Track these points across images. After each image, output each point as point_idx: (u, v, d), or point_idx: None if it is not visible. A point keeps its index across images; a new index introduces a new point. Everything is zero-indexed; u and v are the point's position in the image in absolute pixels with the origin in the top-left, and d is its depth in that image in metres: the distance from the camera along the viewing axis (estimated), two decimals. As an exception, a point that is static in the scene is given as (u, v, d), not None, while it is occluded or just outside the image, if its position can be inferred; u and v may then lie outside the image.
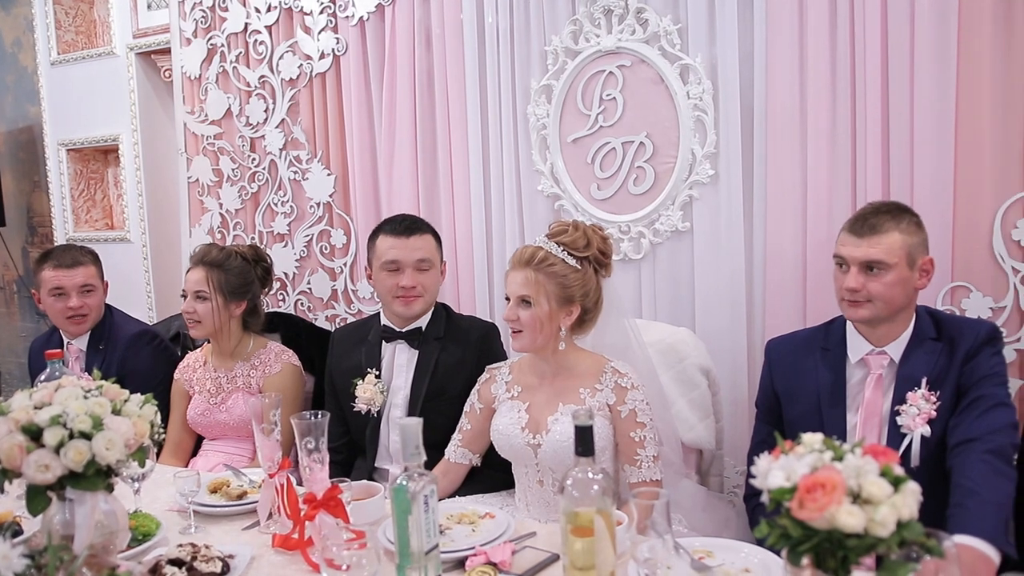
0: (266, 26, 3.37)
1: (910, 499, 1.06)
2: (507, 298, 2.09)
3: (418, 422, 1.43)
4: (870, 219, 1.96)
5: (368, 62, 3.19)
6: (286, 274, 3.45)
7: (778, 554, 1.20)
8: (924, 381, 1.91)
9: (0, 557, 1.18)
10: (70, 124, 4.37)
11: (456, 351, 2.44)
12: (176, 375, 2.79)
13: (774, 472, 1.11)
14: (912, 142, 2.29)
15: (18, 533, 1.78)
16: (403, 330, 2.48)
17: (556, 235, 2.07)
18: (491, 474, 2.23)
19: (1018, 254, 2.23)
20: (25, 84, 4.68)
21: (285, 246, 3.45)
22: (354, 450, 2.55)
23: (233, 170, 3.55)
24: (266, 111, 3.42)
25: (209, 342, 2.74)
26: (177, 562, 1.56)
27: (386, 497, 1.87)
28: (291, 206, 3.43)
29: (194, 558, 1.58)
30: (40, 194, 4.76)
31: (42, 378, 1.91)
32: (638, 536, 1.34)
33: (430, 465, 1.61)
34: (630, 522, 1.45)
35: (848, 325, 2.05)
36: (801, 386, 2.07)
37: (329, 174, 3.32)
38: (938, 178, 2.26)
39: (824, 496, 1.04)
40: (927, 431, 1.89)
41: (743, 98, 2.53)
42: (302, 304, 3.46)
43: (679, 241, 2.69)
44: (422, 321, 2.48)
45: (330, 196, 3.33)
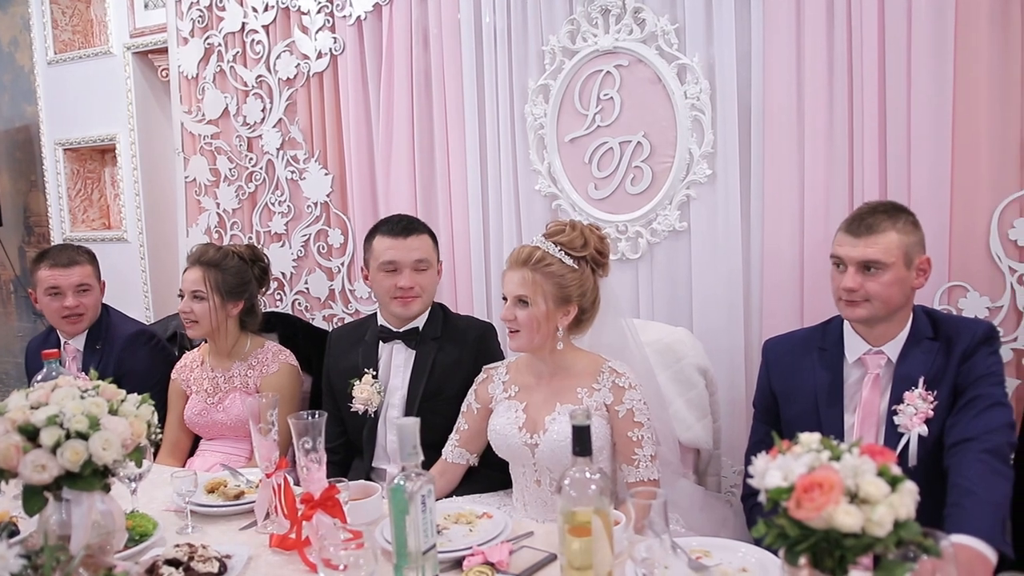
0: (263, 25, 3.37)
1: (907, 499, 1.06)
2: (504, 298, 2.08)
3: (415, 422, 1.43)
4: (867, 219, 1.96)
5: (365, 62, 3.19)
6: (283, 274, 3.45)
7: (775, 554, 1.21)
8: (921, 381, 1.91)
9: (-4, 557, 1.17)
10: (67, 124, 4.36)
11: (453, 351, 2.44)
12: (173, 375, 2.78)
13: (771, 472, 1.11)
14: (909, 142, 2.30)
15: (14, 533, 1.78)
16: (400, 330, 2.48)
17: (553, 235, 2.07)
18: (488, 474, 2.23)
19: (1015, 254, 2.23)
20: (22, 83, 4.67)
21: (282, 246, 3.45)
22: (351, 450, 2.55)
23: (230, 170, 3.54)
24: (263, 111, 3.42)
25: (206, 342, 2.73)
26: (174, 562, 1.56)
27: (383, 497, 1.87)
28: (288, 206, 3.42)
29: (191, 558, 1.58)
30: (37, 194, 4.75)
31: (39, 378, 1.91)
32: (636, 536, 1.33)
33: (427, 465, 1.61)
34: (628, 522, 1.45)
35: (845, 325, 2.05)
36: (798, 386, 2.07)
37: (326, 174, 3.32)
38: (935, 178, 2.26)
39: (821, 496, 1.04)
40: (924, 431, 1.89)
41: (740, 98, 2.54)
42: (299, 304, 3.46)
43: (676, 241, 2.69)
44: (419, 321, 2.48)
45: (327, 196, 3.33)
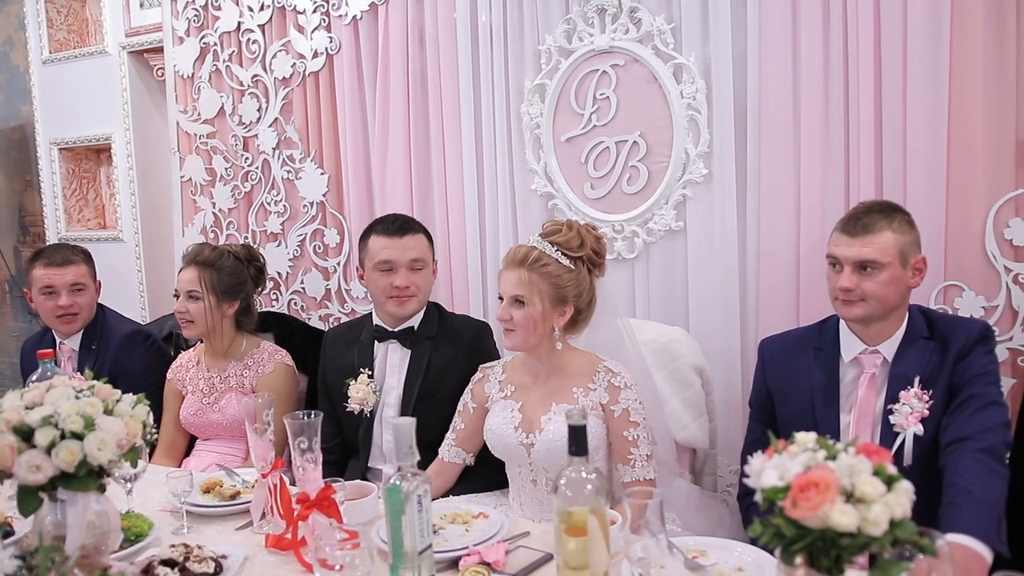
0: (259, 25, 3.36)
1: (903, 498, 1.06)
2: (500, 298, 2.08)
3: (411, 422, 1.43)
4: (863, 218, 1.96)
5: (361, 61, 3.19)
6: (279, 273, 3.44)
7: (772, 553, 1.21)
8: (917, 380, 1.92)
9: (-9, 558, 1.17)
10: (62, 123, 4.35)
11: (448, 350, 2.44)
12: (169, 375, 2.78)
13: (767, 471, 1.11)
14: (905, 141, 2.30)
15: (9, 534, 1.77)
16: (395, 330, 2.48)
17: (550, 235, 2.07)
18: (485, 473, 2.23)
19: (1010, 253, 2.23)
20: (17, 83, 4.65)
21: (278, 245, 3.44)
22: (347, 450, 2.54)
23: (226, 169, 3.54)
24: (259, 110, 3.42)
25: (202, 342, 2.73)
26: (170, 562, 1.55)
27: (379, 497, 1.87)
28: (284, 205, 3.42)
29: (187, 558, 1.57)
30: (32, 193, 4.74)
31: (34, 378, 1.91)
32: (632, 535, 1.34)
33: (423, 465, 1.61)
34: (624, 521, 1.45)
35: (841, 324, 2.05)
36: (794, 385, 2.07)
37: (322, 173, 3.32)
38: (931, 177, 2.27)
39: (817, 495, 1.04)
40: (920, 430, 1.89)
41: (736, 97, 2.54)
42: (295, 304, 3.45)
43: (673, 240, 2.69)
44: (414, 320, 2.48)
45: (323, 195, 3.32)
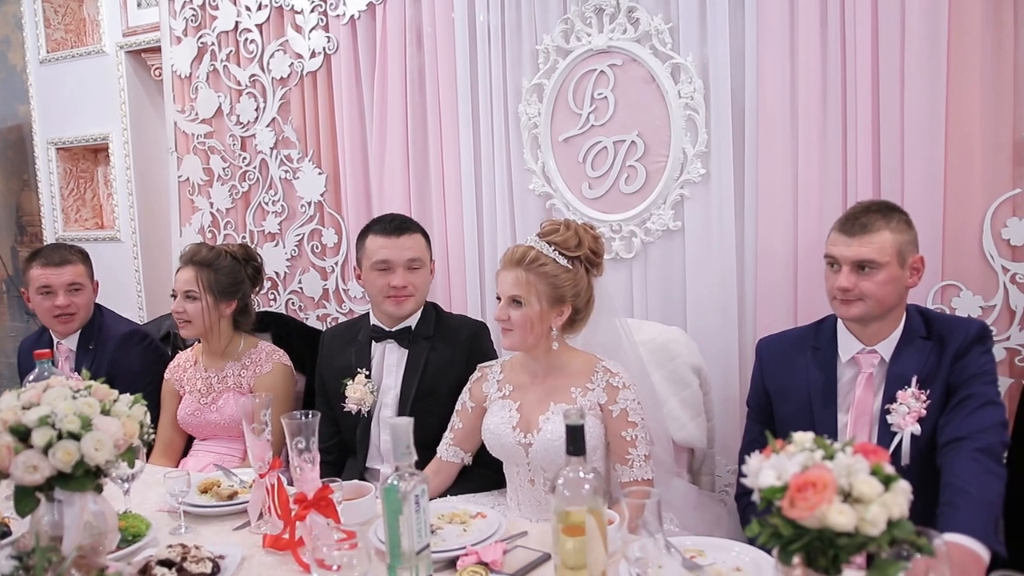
0: (257, 24, 3.36)
1: (900, 498, 1.06)
2: (498, 298, 2.08)
3: (408, 422, 1.43)
4: (860, 218, 1.96)
5: (359, 61, 3.18)
6: (277, 273, 3.44)
7: (769, 553, 1.20)
8: (914, 380, 1.92)
9: (-12, 559, 1.17)
10: (59, 123, 4.34)
11: (446, 350, 2.44)
12: (166, 375, 2.78)
13: (765, 471, 1.11)
14: (902, 141, 2.30)
15: (6, 534, 1.77)
16: (392, 329, 2.47)
17: (547, 234, 2.07)
18: (482, 473, 2.23)
19: (1008, 253, 2.24)
20: (14, 82, 4.65)
21: (276, 245, 3.44)
22: (345, 450, 2.54)
23: (224, 169, 3.53)
24: (257, 110, 3.41)
25: (199, 342, 2.73)
26: (167, 563, 1.55)
27: (377, 497, 1.87)
28: (282, 205, 3.41)
29: (184, 559, 1.57)
30: (29, 193, 4.73)
31: (31, 378, 1.90)
32: (629, 535, 1.34)
33: (421, 465, 1.61)
34: (621, 521, 1.45)
35: (839, 324, 2.05)
36: (792, 385, 2.08)
37: (320, 173, 3.31)
38: (928, 177, 2.27)
39: (815, 495, 1.04)
40: (917, 429, 1.89)
41: (734, 97, 2.54)
42: (293, 303, 3.45)
43: (670, 240, 2.69)
44: (411, 320, 2.47)
45: (321, 195, 3.32)
